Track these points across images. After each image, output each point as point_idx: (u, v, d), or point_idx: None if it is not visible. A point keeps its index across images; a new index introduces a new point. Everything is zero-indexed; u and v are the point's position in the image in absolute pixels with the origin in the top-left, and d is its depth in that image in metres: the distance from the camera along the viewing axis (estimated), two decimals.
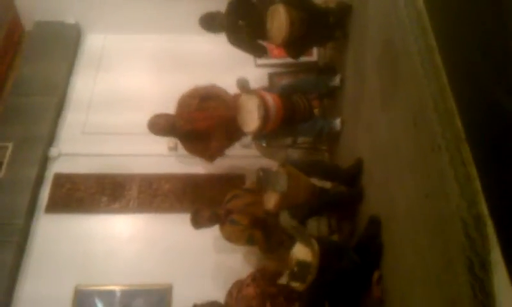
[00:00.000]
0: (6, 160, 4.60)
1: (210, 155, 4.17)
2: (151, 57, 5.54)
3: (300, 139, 4.73)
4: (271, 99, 4.00)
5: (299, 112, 4.23)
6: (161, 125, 4.05)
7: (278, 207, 3.58)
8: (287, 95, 4.22)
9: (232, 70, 4.16)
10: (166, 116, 4.08)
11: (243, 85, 3.97)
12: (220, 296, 3.48)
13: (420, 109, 2.67)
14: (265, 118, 3.85)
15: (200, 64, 5.11)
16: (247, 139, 4.12)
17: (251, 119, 3.91)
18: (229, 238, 3.80)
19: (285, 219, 3.85)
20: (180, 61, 5.32)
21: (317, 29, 4.20)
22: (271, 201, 3.54)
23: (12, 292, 4.12)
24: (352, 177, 3.78)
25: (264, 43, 4.39)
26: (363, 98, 3.82)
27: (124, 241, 4.44)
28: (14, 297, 4.11)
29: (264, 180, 3.53)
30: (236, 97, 4.08)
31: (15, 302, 4.10)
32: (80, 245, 4.36)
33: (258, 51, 4.39)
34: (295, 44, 4.19)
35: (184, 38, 5.48)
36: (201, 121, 4.02)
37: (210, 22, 4.16)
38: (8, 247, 4.20)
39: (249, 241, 3.75)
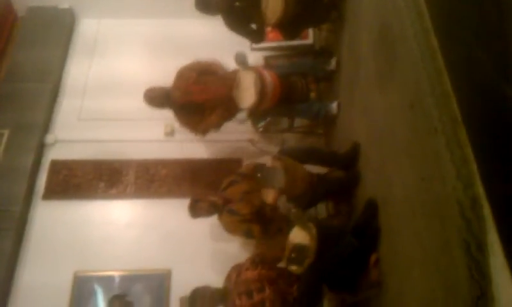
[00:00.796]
0: (1, 147, 4.59)
1: (203, 129, 4.17)
2: (146, 42, 5.50)
3: (296, 123, 4.73)
4: (268, 76, 3.99)
5: (295, 92, 4.23)
6: (157, 95, 4.06)
7: (277, 201, 3.59)
8: (284, 75, 4.21)
9: (227, 53, 4.13)
10: (161, 89, 4.09)
11: (241, 60, 3.96)
12: (219, 280, 3.49)
13: (417, 92, 2.67)
14: (262, 93, 3.84)
15: (195, 48, 5.05)
16: (242, 115, 4.10)
17: (248, 95, 3.91)
18: (227, 227, 3.81)
19: (284, 206, 3.88)
20: (176, 45, 5.29)
21: (312, 9, 4.18)
22: (269, 196, 3.55)
23: (11, 279, 4.13)
24: (349, 162, 3.79)
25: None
26: (359, 81, 3.82)
27: (122, 227, 4.45)
28: (13, 284, 4.13)
29: (261, 177, 3.53)
30: (232, 74, 4.06)
31: (14, 289, 4.12)
32: (79, 231, 4.37)
33: (254, 36, 4.36)
34: (290, 24, 4.17)
35: (179, 22, 5.46)
36: (197, 95, 4.01)
37: (206, 4, 4.13)
38: (5, 235, 4.21)
39: (247, 234, 3.77)
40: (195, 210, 3.70)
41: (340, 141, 4.20)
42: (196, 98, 4.02)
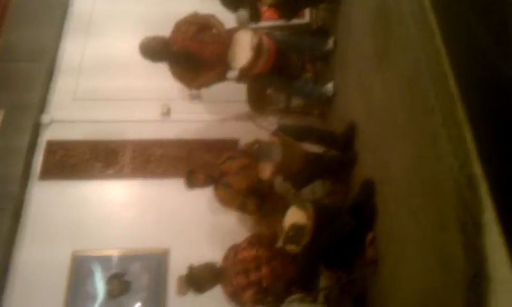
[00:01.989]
0: None
1: (198, 85, 4.15)
2: (141, 19, 5.42)
3: (293, 103, 4.72)
4: (266, 39, 3.95)
5: (289, 65, 4.19)
6: (153, 46, 3.96)
7: (273, 176, 3.60)
8: (281, 45, 4.17)
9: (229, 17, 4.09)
10: (158, 38, 4.00)
11: (242, 20, 3.92)
12: (216, 259, 3.52)
13: (414, 71, 2.67)
14: (257, 50, 3.81)
15: None
16: (233, 73, 4.07)
17: (243, 55, 3.86)
18: (221, 200, 3.81)
19: (280, 184, 3.88)
20: (171, 24, 5.22)
21: None
22: (266, 170, 3.56)
23: (9, 259, 4.14)
24: (346, 141, 3.79)
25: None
26: (356, 61, 3.80)
27: (119, 206, 4.46)
28: (11, 264, 4.14)
29: (259, 150, 3.53)
30: (231, 32, 4.02)
31: (12, 269, 4.13)
32: (76, 211, 4.37)
33: (251, 16, 4.31)
34: (287, 4, 4.13)
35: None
36: (194, 51, 3.95)
37: None
38: (3, 215, 4.21)
39: (241, 208, 3.78)
40: (191, 181, 3.69)
41: (337, 121, 4.19)
42: (192, 52, 3.95)
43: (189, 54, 3.95)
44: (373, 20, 3.40)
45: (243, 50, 3.87)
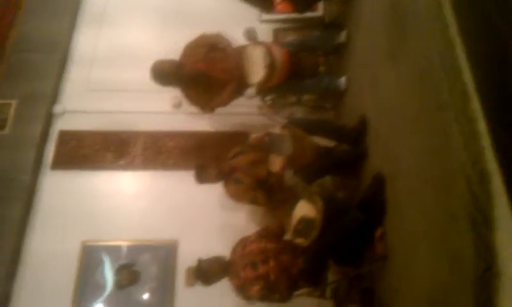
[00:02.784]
0: (10, 117, 4.62)
1: (212, 107, 4.13)
2: (155, 11, 5.44)
3: (305, 97, 4.70)
4: (277, 51, 3.95)
5: (304, 68, 4.19)
6: (166, 71, 3.95)
7: (283, 169, 3.59)
8: (293, 51, 4.16)
9: (237, 25, 4.08)
10: (171, 61, 4.00)
11: (251, 35, 3.92)
12: (225, 252, 3.52)
13: (427, 65, 2.64)
14: (271, 67, 3.81)
15: (204, 19, 5.03)
16: (251, 91, 4.08)
17: (256, 70, 3.87)
18: (233, 196, 3.82)
19: (290, 177, 3.87)
20: (185, 15, 5.24)
21: None
22: (276, 163, 3.55)
23: (20, 248, 4.19)
24: (357, 135, 3.76)
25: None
26: (369, 54, 3.77)
27: (130, 197, 4.49)
28: (22, 253, 4.19)
29: (269, 143, 3.53)
30: (240, 48, 4.02)
31: (24, 257, 4.19)
32: (87, 201, 4.41)
33: (264, 5, 4.30)
34: None
35: None
36: (206, 72, 3.95)
37: None
38: (15, 203, 4.27)
39: (253, 201, 3.78)
40: (202, 175, 3.70)
41: (349, 115, 4.17)
42: (204, 75, 3.95)
43: (201, 76, 3.95)
44: (386, 13, 3.37)
45: (257, 65, 3.87)
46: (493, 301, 1.94)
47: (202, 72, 3.95)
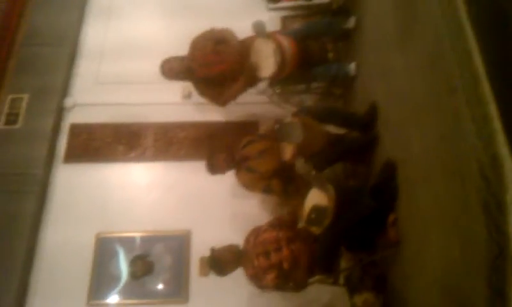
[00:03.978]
0: (22, 111, 4.65)
1: (224, 101, 4.14)
2: (162, 2, 5.44)
3: (314, 85, 4.68)
4: (286, 44, 3.93)
5: (313, 55, 4.17)
6: (175, 70, 3.98)
7: (294, 157, 3.59)
8: (301, 39, 4.14)
9: (245, 14, 4.08)
10: (180, 59, 4.00)
11: (259, 29, 3.90)
12: (238, 241, 3.52)
13: (437, 49, 2.62)
14: (281, 63, 3.80)
15: (212, 9, 5.03)
16: (262, 85, 4.08)
17: (267, 65, 3.87)
18: (245, 185, 3.83)
19: (301, 166, 3.87)
20: (193, 6, 5.23)
21: None
22: (287, 152, 3.55)
23: (35, 241, 4.23)
24: (367, 122, 3.75)
25: None
26: (378, 40, 3.74)
27: (142, 189, 4.51)
28: (38, 245, 4.23)
29: (280, 131, 3.52)
30: (249, 42, 4.02)
31: (39, 250, 4.23)
32: (100, 193, 4.45)
33: None
34: None
35: None
36: (216, 65, 3.94)
37: None
38: (28, 197, 4.29)
39: (266, 190, 3.78)
40: (212, 165, 3.71)
41: (359, 102, 4.15)
42: (214, 69, 3.94)
43: (212, 71, 3.95)
44: None
45: (267, 60, 3.86)
46: (506, 285, 1.94)
47: (212, 70, 3.95)
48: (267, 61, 3.87)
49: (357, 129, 3.89)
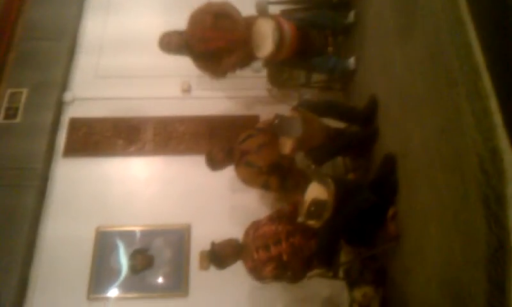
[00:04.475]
0: (21, 106, 4.65)
1: (222, 72, 4.14)
2: None
3: (313, 78, 4.67)
4: (287, 27, 3.92)
5: (312, 44, 4.16)
6: (174, 44, 3.99)
7: (294, 152, 3.59)
8: (302, 27, 4.13)
9: (244, 3, 4.05)
10: (179, 33, 4.00)
11: (262, 8, 3.89)
12: (238, 234, 3.53)
13: (437, 43, 2.62)
14: (279, 43, 3.79)
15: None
16: (258, 64, 4.07)
17: (265, 44, 3.85)
18: (244, 179, 3.83)
19: (301, 160, 3.87)
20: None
21: None
22: (286, 146, 3.55)
23: (35, 236, 4.23)
24: (367, 116, 3.74)
25: None
26: (378, 33, 3.73)
27: (142, 183, 4.51)
28: (38, 239, 4.23)
29: (279, 125, 3.52)
30: (250, 19, 4.00)
31: (39, 245, 4.22)
32: (99, 187, 4.45)
33: None
34: None
35: None
36: (214, 41, 3.94)
37: None
38: (28, 191, 4.30)
39: (264, 186, 3.78)
40: (212, 160, 3.72)
41: (359, 96, 4.14)
42: (213, 44, 3.95)
43: (210, 46, 3.95)
44: None
45: (266, 39, 3.84)
46: (506, 279, 1.94)
47: (211, 45, 3.95)
48: (265, 41, 3.85)
49: (357, 123, 3.88)
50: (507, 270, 1.93)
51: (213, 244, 3.40)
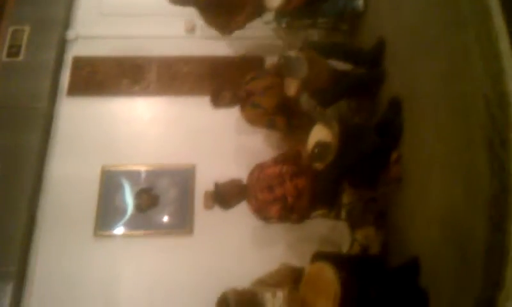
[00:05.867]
0: (24, 43, 4.59)
1: (230, 30, 4.09)
2: None
3: (320, 19, 4.58)
4: None
5: None
6: None
7: (299, 92, 3.56)
8: None
9: None
10: None
11: None
12: (242, 175, 3.54)
13: None
14: None
15: None
16: (269, 16, 4.00)
17: None
18: (250, 120, 3.83)
19: (306, 101, 3.85)
20: None
21: None
22: (291, 86, 3.51)
23: (41, 175, 4.26)
24: (374, 58, 3.69)
25: None
26: None
27: (147, 123, 4.52)
28: (43, 179, 4.27)
29: (285, 65, 3.48)
30: None
31: (45, 185, 4.26)
32: (104, 127, 4.46)
33: None
34: None
35: None
36: None
37: None
38: (33, 131, 4.30)
39: (270, 125, 3.78)
40: (217, 99, 3.71)
41: (366, 38, 4.06)
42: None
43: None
44: None
45: None
46: (506, 222, 1.97)
47: None
48: None
49: (363, 65, 3.83)
50: (509, 213, 1.95)
51: (217, 185, 3.43)
